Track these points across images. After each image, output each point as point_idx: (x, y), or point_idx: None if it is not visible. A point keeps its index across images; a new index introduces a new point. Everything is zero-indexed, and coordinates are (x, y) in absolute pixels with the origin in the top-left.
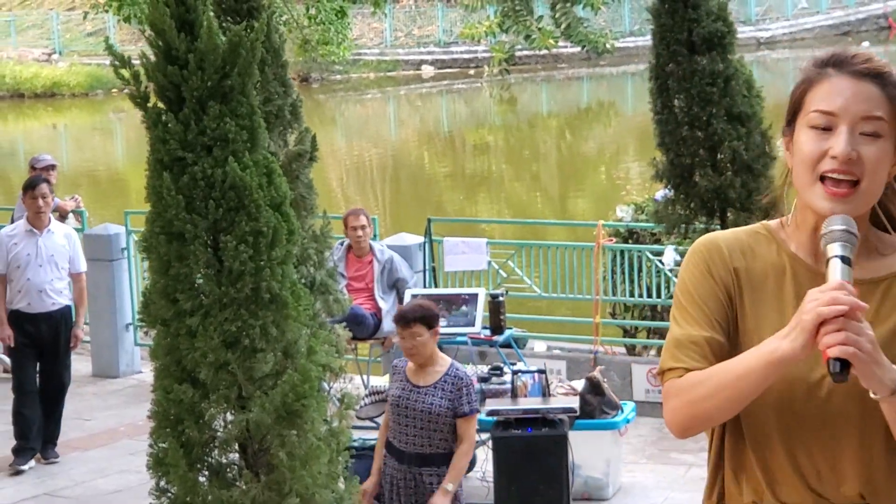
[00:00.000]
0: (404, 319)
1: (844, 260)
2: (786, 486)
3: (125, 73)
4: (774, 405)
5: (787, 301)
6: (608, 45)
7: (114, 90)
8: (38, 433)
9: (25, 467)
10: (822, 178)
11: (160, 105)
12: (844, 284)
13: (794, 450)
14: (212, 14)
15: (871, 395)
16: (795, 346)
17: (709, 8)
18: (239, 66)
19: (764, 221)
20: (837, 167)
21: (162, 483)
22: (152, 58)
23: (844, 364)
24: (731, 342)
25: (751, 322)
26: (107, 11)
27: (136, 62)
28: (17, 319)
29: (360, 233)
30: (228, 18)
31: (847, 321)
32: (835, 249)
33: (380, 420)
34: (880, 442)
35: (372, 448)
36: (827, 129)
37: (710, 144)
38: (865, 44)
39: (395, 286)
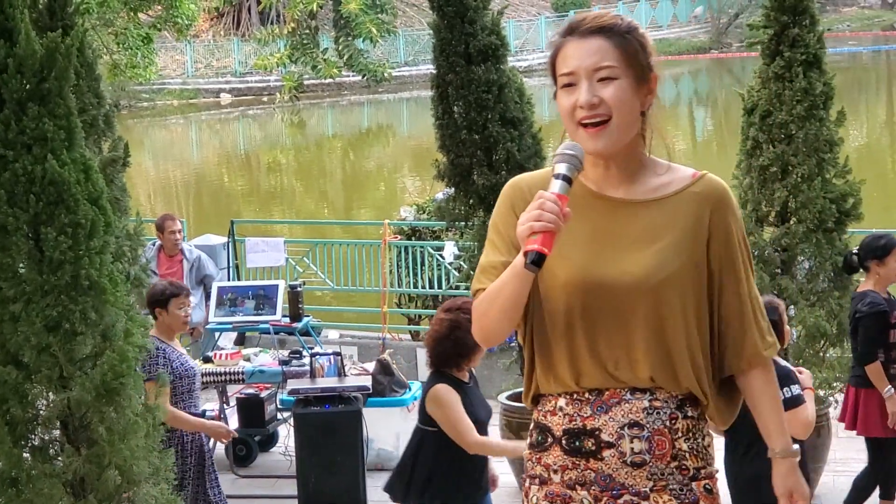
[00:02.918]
0: (186, 291)
1: (565, 178)
2: (588, 375)
3: None
4: (576, 305)
5: (580, 223)
6: (386, 74)
7: None
8: None
9: None
10: (582, 125)
11: None
12: (554, 196)
13: (595, 342)
14: (29, 23)
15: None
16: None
17: (483, 23)
18: (56, 71)
19: None
20: (586, 113)
21: None
22: None
23: (537, 258)
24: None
25: (555, 247)
26: None
27: None
28: None
29: (177, 235)
30: (44, 34)
31: (542, 216)
32: (560, 168)
33: None
34: (665, 332)
35: None
36: (572, 86)
37: (487, 146)
38: None
39: (203, 282)
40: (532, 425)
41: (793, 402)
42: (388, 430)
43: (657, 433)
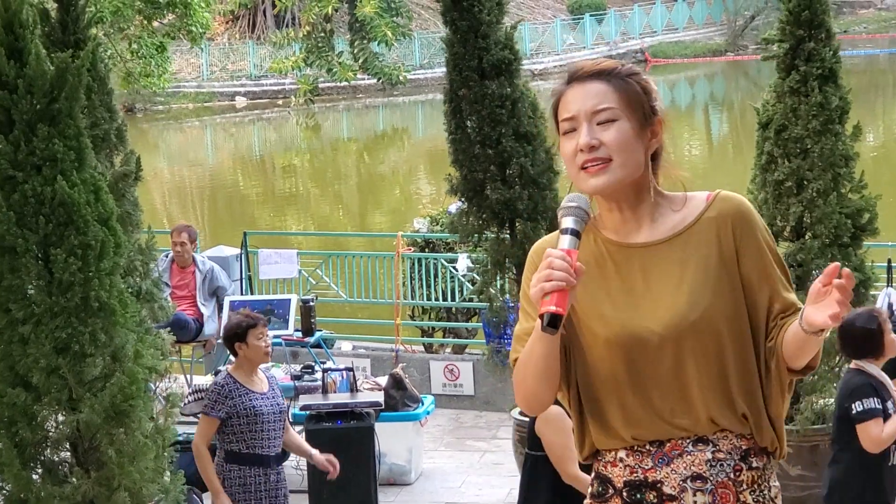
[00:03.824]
0: (263, 321)
1: (573, 232)
2: (646, 428)
3: None
4: (621, 362)
5: (610, 278)
6: (401, 77)
7: None
8: None
9: None
10: (583, 168)
11: None
12: (562, 253)
13: (647, 394)
14: (39, 43)
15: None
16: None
17: (497, 38)
18: (66, 91)
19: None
20: (587, 157)
21: None
22: None
23: (552, 319)
24: (571, 326)
25: (584, 305)
26: None
27: None
28: None
29: (178, 248)
30: (56, 49)
31: (552, 276)
32: (566, 222)
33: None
34: (716, 366)
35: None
36: (573, 131)
37: (500, 161)
38: None
39: (215, 294)
40: (592, 475)
41: (864, 416)
42: (401, 445)
43: (721, 486)
